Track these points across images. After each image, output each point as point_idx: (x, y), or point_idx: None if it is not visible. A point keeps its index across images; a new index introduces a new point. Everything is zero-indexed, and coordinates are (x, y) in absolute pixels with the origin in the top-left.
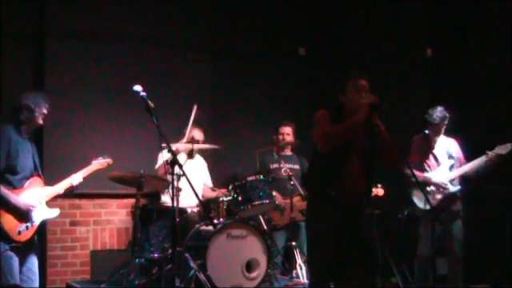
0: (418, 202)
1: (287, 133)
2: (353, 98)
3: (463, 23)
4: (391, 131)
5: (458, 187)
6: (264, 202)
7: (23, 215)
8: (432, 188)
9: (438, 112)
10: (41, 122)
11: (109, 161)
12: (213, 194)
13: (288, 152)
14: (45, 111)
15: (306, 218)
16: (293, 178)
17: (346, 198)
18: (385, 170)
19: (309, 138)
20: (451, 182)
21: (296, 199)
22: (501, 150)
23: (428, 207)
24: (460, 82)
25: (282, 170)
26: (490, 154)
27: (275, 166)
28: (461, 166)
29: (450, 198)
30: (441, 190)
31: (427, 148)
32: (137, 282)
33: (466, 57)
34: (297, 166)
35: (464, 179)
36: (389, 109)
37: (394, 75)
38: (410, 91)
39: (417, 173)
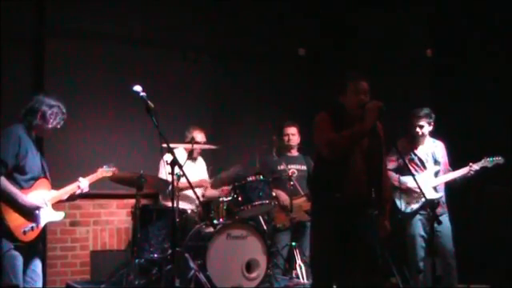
0: (399, 204)
1: (292, 133)
2: (353, 100)
3: (463, 23)
4: (391, 131)
5: (440, 194)
6: (264, 202)
7: (29, 215)
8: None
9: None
10: (48, 132)
11: (114, 170)
12: (215, 193)
13: (294, 153)
14: (58, 126)
15: (311, 220)
16: (292, 179)
17: (350, 200)
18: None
19: (309, 138)
20: (435, 188)
21: (302, 199)
22: (486, 162)
23: (408, 210)
24: (460, 82)
25: (290, 172)
26: (473, 167)
27: (282, 167)
28: (445, 171)
29: (428, 204)
30: (414, 195)
31: (410, 149)
32: (137, 283)
33: (466, 57)
34: (304, 167)
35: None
36: (386, 110)
37: (394, 75)
38: (410, 91)
39: (393, 176)
